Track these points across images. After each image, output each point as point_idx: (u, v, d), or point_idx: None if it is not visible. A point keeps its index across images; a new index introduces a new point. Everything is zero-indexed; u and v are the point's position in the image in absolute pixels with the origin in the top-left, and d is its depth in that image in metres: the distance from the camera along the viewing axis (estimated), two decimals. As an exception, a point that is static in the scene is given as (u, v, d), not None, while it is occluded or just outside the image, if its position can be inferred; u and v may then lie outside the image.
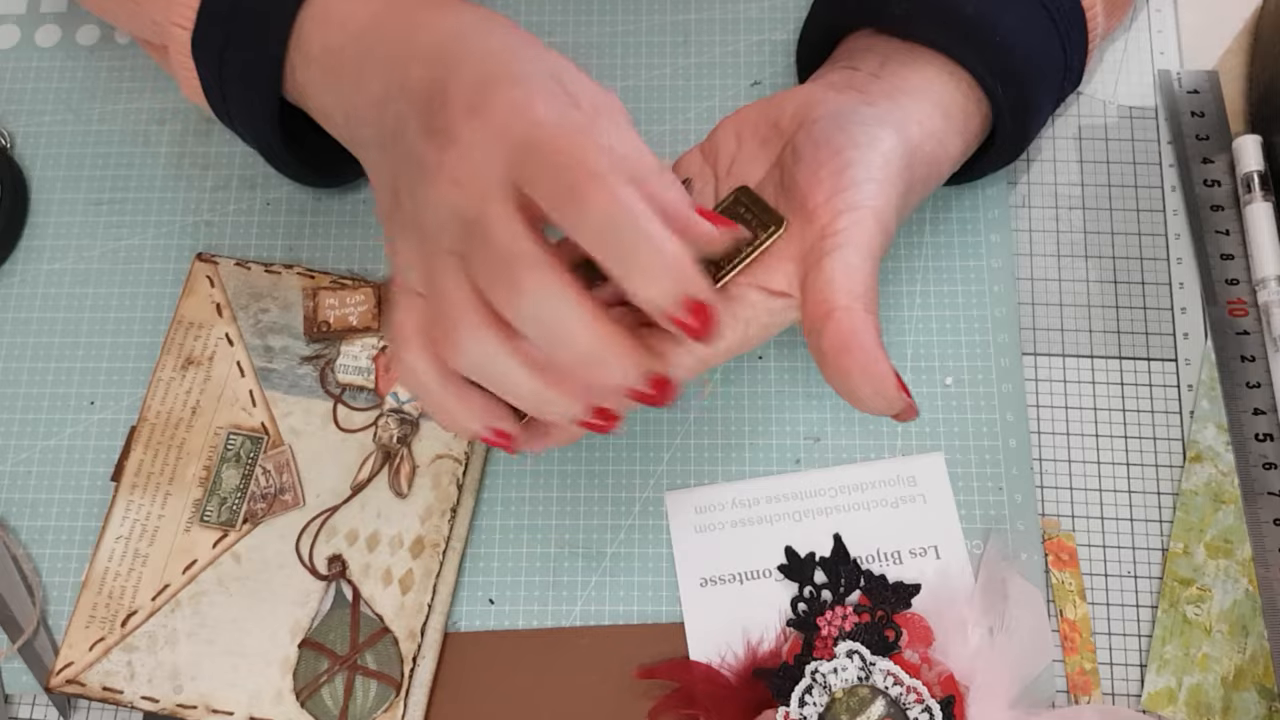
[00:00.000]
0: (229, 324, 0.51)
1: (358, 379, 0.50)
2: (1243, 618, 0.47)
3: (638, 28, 0.57)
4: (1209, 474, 0.49)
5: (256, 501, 0.48)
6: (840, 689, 0.44)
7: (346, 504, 0.49)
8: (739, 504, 0.49)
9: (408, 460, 0.49)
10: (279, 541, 0.48)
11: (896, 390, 0.39)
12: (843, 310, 0.39)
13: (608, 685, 0.47)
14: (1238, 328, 0.50)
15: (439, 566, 0.47)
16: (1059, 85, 0.48)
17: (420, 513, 0.48)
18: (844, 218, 0.40)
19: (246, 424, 0.50)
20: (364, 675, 0.46)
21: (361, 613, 0.47)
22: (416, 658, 0.46)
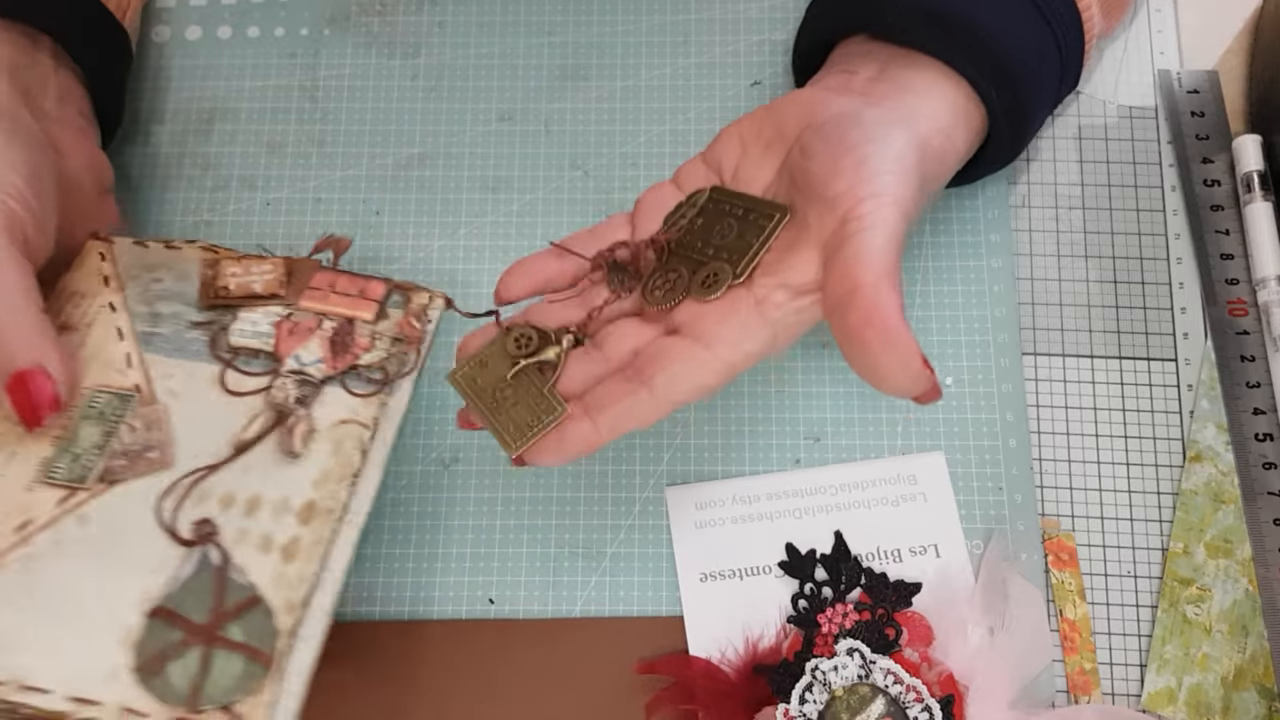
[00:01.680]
0: (115, 293, 0.46)
1: (255, 342, 0.45)
2: (1243, 618, 0.47)
3: (638, 28, 0.57)
4: (1209, 474, 0.49)
5: (117, 458, 0.43)
6: (840, 687, 0.44)
7: (227, 465, 0.43)
8: (739, 500, 0.49)
9: (305, 421, 0.44)
10: (138, 504, 0.42)
11: (921, 367, 0.39)
12: (869, 286, 0.39)
13: (606, 678, 0.46)
14: (1238, 327, 0.51)
15: (332, 534, 0.42)
16: (1055, 88, 0.49)
17: (315, 477, 0.43)
18: (866, 204, 0.40)
19: (117, 383, 0.44)
20: (227, 649, 0.40)
21: (230, 579, 0.41)
22: (294, 634, 0.40)
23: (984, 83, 0.45)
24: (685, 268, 0.43)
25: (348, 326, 0.45)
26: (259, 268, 0.46)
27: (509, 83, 0.56)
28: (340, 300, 0.46)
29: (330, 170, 0.55)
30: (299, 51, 0.57)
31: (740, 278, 0.42)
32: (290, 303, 0.46)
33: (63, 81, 0.49)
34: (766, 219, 0.43)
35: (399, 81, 0.57)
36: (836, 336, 0.40)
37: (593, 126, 0.56)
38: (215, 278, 0.46)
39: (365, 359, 0.45)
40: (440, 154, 0.55)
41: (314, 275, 0.46)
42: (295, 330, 0.45)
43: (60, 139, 0.47)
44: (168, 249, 0.48)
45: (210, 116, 0.56)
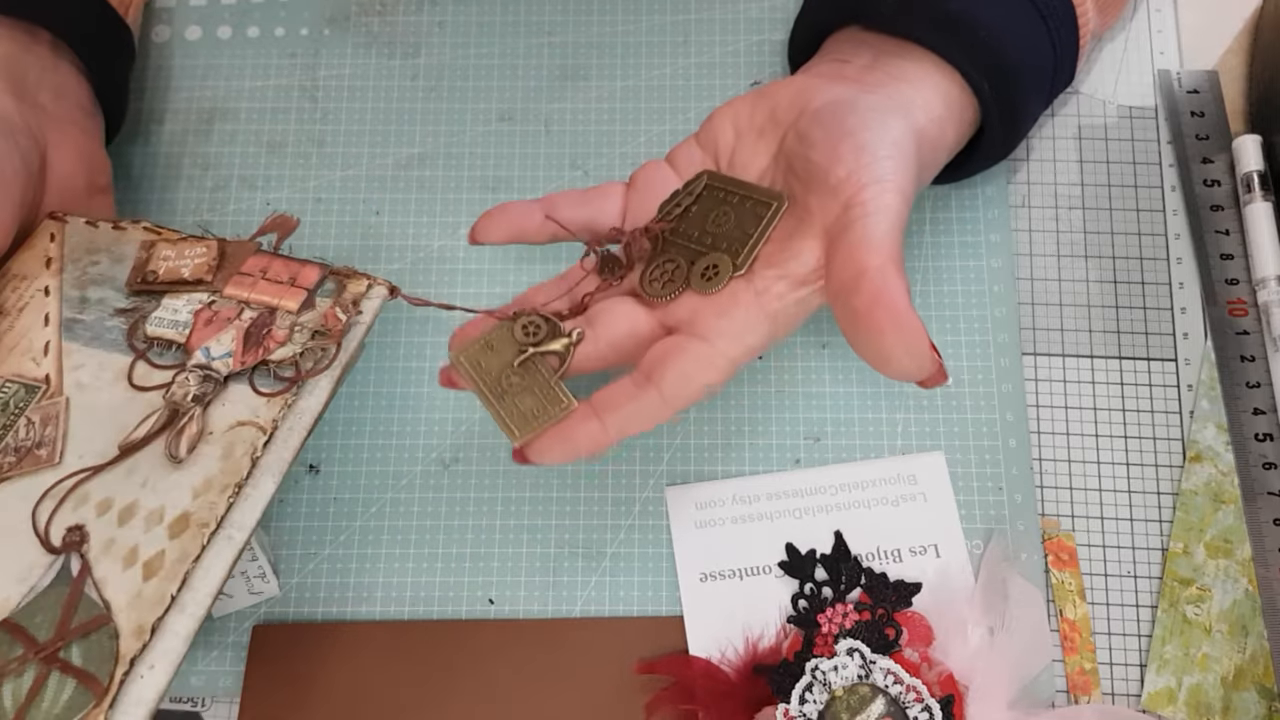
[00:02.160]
0: (53, 277, 0.45)
1: (170, 332, 0.43)
2: (1243, 618, 0.47)
3: (638, 28, 0.57)
4: (1209, 474, 0.49)
5: (6, 455, 0.40)
6: (840, 687, 0.44)
7: (111, 467, 0.40)
8: (740, 500, 0.49)
9: (197, 421, 0.41)
10: (19, 504, 0.39)
11: (928, 350, 0.39)
12: (876, 270, 0.39)
13: (606, 678, 0.46)
14: (1238, 328, 0.50)
15: (199, 551, 0.38)
16: (1049, 83, 0.49)
17: (196, 485, 0.39)
18: (869, 190, 0.41)
19: (30, 374, 0.42)
20: (62, 671, 0.36)
21: (84, 595, 0.37)
22: (137, 661, 0.36)
23: (976, 75, 0.45)
24: (683, 258, 0.44)
25: (268, 317, 0.42)
26: (192, 250, 0.44)
27: (509, 83, 0.56)
28: (267, 288, 0.43)
29: (330, 170, 0.55)
30: (299, 51, 0.57)
31: (741, 269, 0.42)
32: (216, 289, 0.43)
33: (62, 77, 0.49)
34: (764, 208, 0.43)
35: (399, 81, 0.57)
36: (841, 322, 0.40)
37: (593, 126, 0.56)
38: (147, 261, 0.44)
39: (278, 353, 0.42)
40: (440, 154, 0.55)
41: (248, 259, 0.44)
42: (213, 320, 0.43)
43: (51, 134, 0.47)
44: (115, 229, 0.46)
45: (210, 116, 0.56)
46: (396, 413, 0.51)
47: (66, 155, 0.48)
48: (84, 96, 0.50)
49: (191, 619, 0.37)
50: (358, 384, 0.51)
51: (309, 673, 0.47)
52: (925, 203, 0.53)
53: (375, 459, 0.50)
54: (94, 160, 0.50)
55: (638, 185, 0.46)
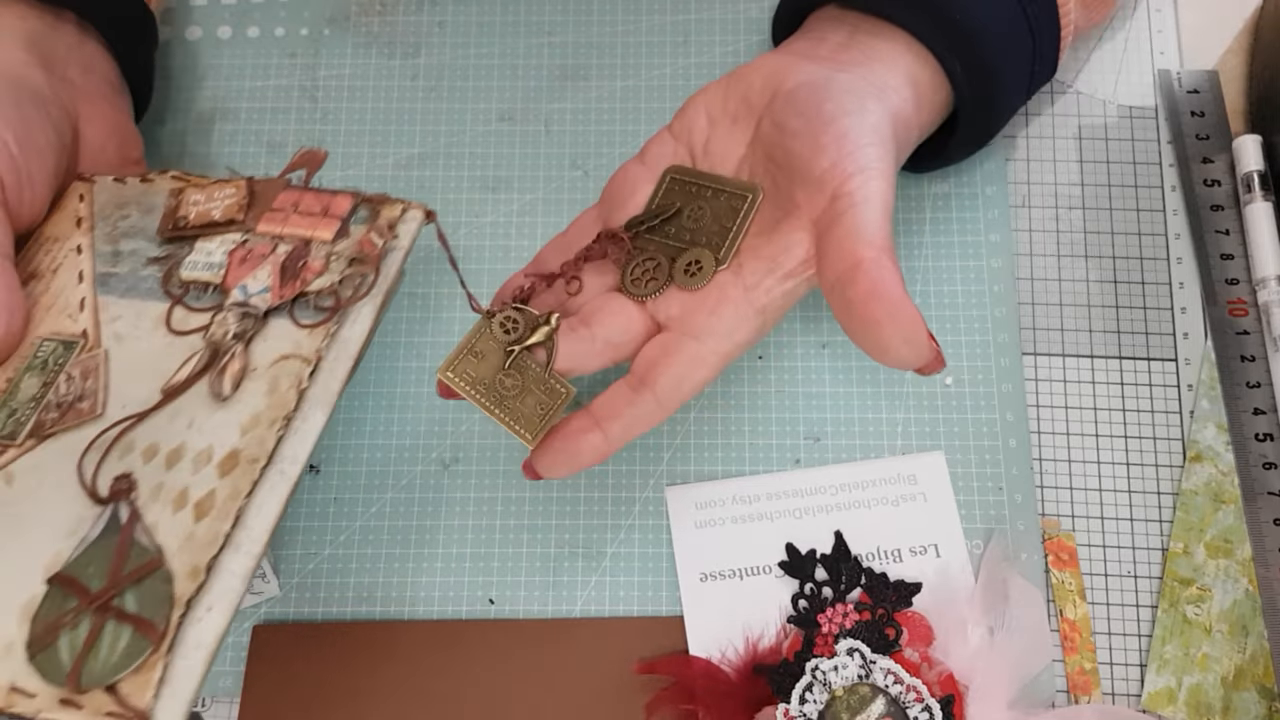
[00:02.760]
0: (84, 235, 0.44)
1: (205, 275, 0.42)
2: (1243, 618, 0.47)
3: (638, 28, 0.57)
4: (1209, 474, 0.49)
5: (49, 411, 0.39)
6: (841, 687, 0.44)
7: (155, 413, 0.39)
8: (740, 500, 0.49)
9: (239, 358, 0.39)
10: (64, 458, 0.38)
11: (926, 338, 0.39)
12: (870, 260, 0.39)
13: (606, 678, 0.46)
14: (1238, 327, 0.50)
15: (251, 488, 0.37)
16: (1028, 70, 0.48)
17: (244, 421, 0.38)
18: (854, 179, 0.41)
19: (67, 330, 0.41)
20: (117, 619, 0.35)
21: (135, 541, 0.36)
22: (193, 603, 0.35)
23: (948, 55, 0.45)
24: (663, 255, 0.44)
25: (302, 249, 0.41)
26: (221, 193, 0.43)
27: (509, 83, 0.56)
28: (300, 221, 0.42)
29: (330, 170, 0.55)
30: (299, 51, 0.57)
31: (724, 264, 0.42)
32: (248, 228, 0.42)
33: (89, 54, 0.49)
34: (740, 200, 0.43)
35: (399, 81, 0.57)
36: (837, 313, 0.41)
37: (593, 126, 0.56)
38: (176, 208, 0.43)
39: (315, 284, 0.40)
40: (440, 154, 0.55)
41: (279, 195, 0.43)
42: (248, 258, 0.41)
43: (82, 107, 0.47)
44: (142, 182, 0.45)
45: (210, 116, 0.56)
46: (396, 413, 0.51)
47: (98, 128, 0.48)
48: (112, 74, 0.50)
49: (248, 557, 0.36)
50: (358, 384, 0.51)
51: (309, 673, 0.47)
52: (925, 203, 0.53)
53: (375, 459, 0.50)
54: (125, 133, 0.49)
55: (611, 193, 0.46)
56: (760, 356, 0.51)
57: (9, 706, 0.34)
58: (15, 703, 0.34)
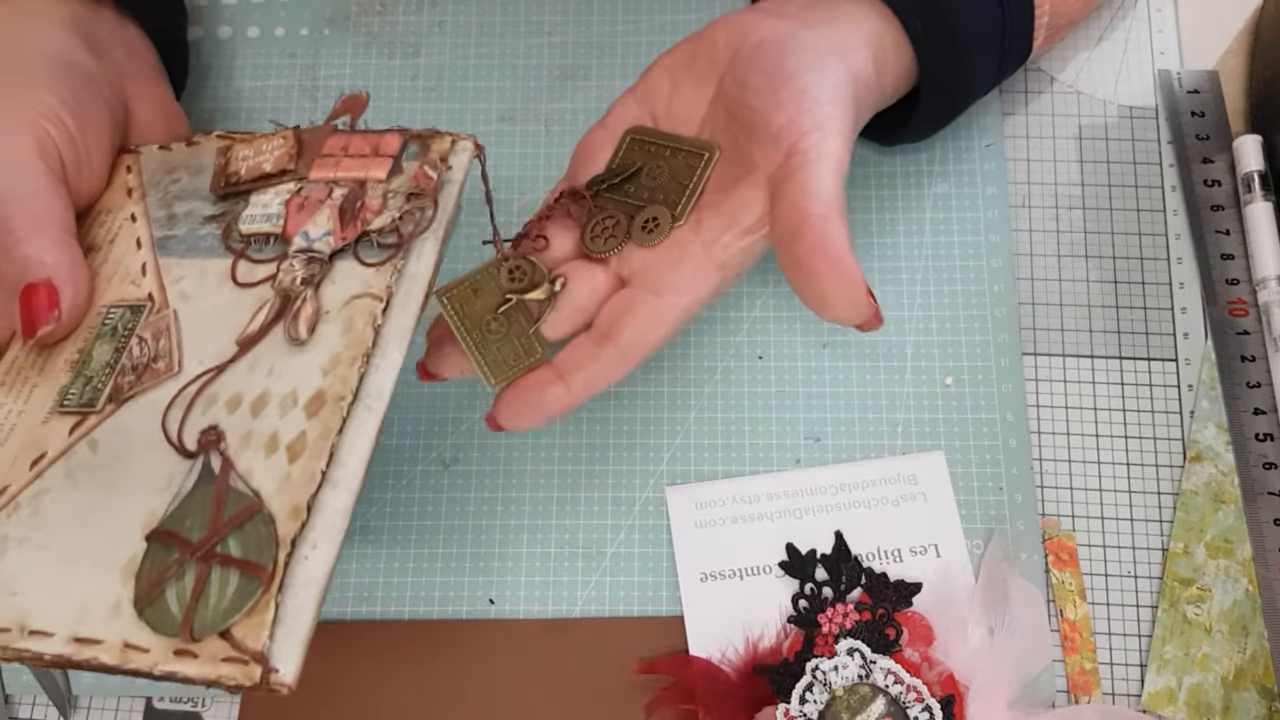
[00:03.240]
0: (137, 204, 0.44)
1: (265, 226, 0.42)
2: (1243, 618, 0.47)
3: (638, 28, 0.57)
4: (1209, 474, 0.49)
5: (125, 375, 0.40)
6: (841, 687, 0.44)
7: (233, 364, 0.39)
8: (740, 500, 0.49)
9: (311, 302, 0.39)
10: (146, 418, 0.39)
11: (865, 295, 0.40)
12: (819, 216, 0.40)
13: (606, 678, 0.46)
14: (1238, 328, 0.50)
15: (341, 424, 0.36)
16: (997, 44, 0.48)
17: (324, 363, 0.38)
18: (810, 136, 0.41)
19: (132, 296, 0.42)
20: (222, 565, 0.35)
21: (231, 488, 0.36)
22: (298, 541, 0.35)
23: (911, 18, 0.45)
24: (621, 213, 0.44)
25: (358, 190, 0.41)
26: (269, 145, 0.43)
27: (509, 83, 0.56)
28: (352, 164, 0.42)
29: (330, 170, 0.55)
30: (299, 51, 0.57)
31: (680, 220, 0.43)
32: (301, 176, 0.42)
33: (129, 36, 0.49)
34: (696, 159, 0.44)
35: (399, 81, 0.57)
36: (784, 266, 0.41)
37: (593, 126, 0.55)
38: (226, 165, 0.43)
39: (376, 222, 0.40)
40: (440, 154, 0.55)
41: (327, 141, 0.43)
42: (305, 205, 0.41)
43: (129, 86, 0.48)
44: (188, 146, 0.45)
45: (210, 116, 0.56)
46: (397, 412, 0.51)
47: (146, 107, 0.48)
48: (152, 56, 0.51)
49: (346, 493, 0.36)
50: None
51: (309, 673, 0.47)
52: (925, 202, 0.53)
53: (376, 459, 0.50)
54: (172, 112, 0.50)
55: (578, 159, 0.46)
56: (760, 356, 0.51)
57: (125, 663, 0.34)
58: (130, 659, 0.34)
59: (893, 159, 0.54)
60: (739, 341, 0.52)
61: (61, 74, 0.44)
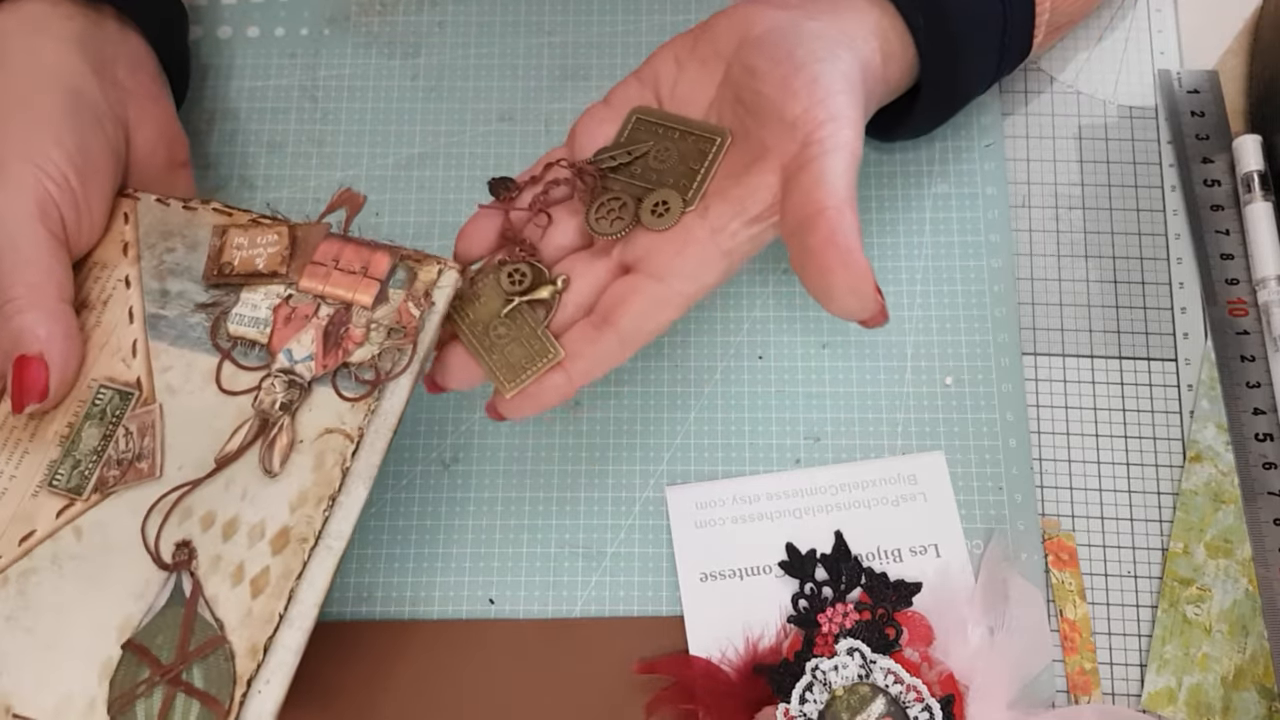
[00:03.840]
0: (131, 265, 0.45)
1: (252, 331, 0.43)
2: (1243, 618, 0.47)
3: (638, 28, 0.57)
4: (1209, 474, 0.49)
5: (110, 468, 0.41)
6: (841, 686, 0.44)
7: (209, 480, 0.41)
8: (740, 500, 0.49)
9: (287, 432, 0.41)
10: (128, 517, 0.41)
11: (873, 291, 0.40)
12: (833, 209, 0.40)
13: (605, 677, 0.46)
14: (1238, 327, 0.50)
15: (301, 568, 0.39)
16: (998, 38, 0.48)
17: (292, 498, 0.40)
18: (826, 126, 0.41)
19: (122, 377, 0.43)
20: (186, 694, 0.38)
21: (198, 615, 0.39)
22: (254, 681, 0.38)
23: (913, 12, 0.45)
24: (628, 195, 0.43)
25: (344, 314, 0.42)
26: (264, 239, 0.44)
27: (509, 83, 0.56)
28: (341, 280, 0.43)
29: (330, 170, 0.55)
30: (299, 51, 0.57)
31: (692, 205, 0.42)
32: (291, 281, 0.43)
33: (132, 49, 0.49)
34: (707, 143, 0.43)
35: (399, 81, 0.57)
36: (794, 256, 0.41)
37: (593, 126, 0.55)
38: (221, 250, 0.44)
39: (356, 355, 0.42)
40: (440, 154, 0.55)
41: (320, 245, 0.43)
42: (292, 318, 0.42)
43: (131, 110, 0.47)
44: (185, 209, 0.45)
45: (210, 116, 0.56)
46: (396, 413, 0.51)
47: (147, 133, 0.48)
48: (155, 67, 0.50)
49: (300, 632, 0.38)
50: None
51: (308, 673, 0.47)
52: (925, 203, 0.53)
53: (375, 459, 0.50)
54: (172, 135, 0.49)
55: (578, 136, 0.46)
56: (760, 356, 0.51)
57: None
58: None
59: (893, 159, 0.54)
60: (739, 341, 0.52)
61: (70, 117, 0.43)
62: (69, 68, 0.45)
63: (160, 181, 0.48)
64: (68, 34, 0.46)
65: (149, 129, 0.48)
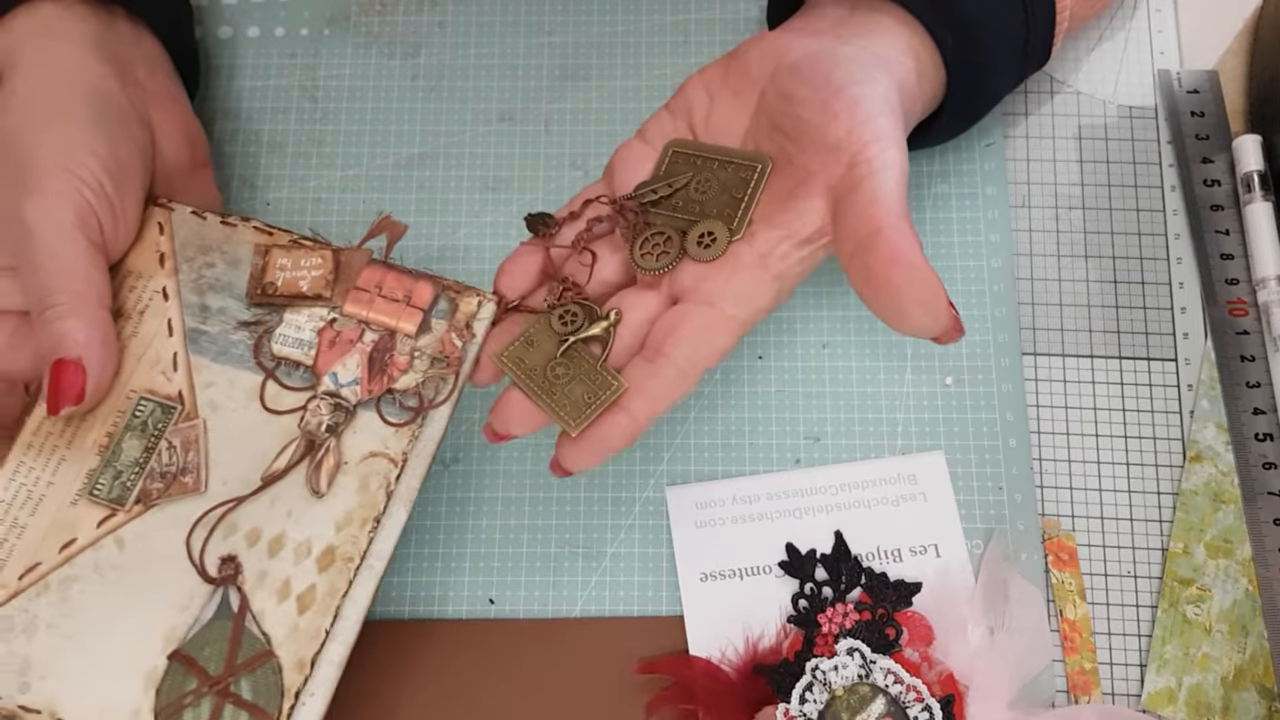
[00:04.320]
0: (169, 277, 0.45)
1: (296, 353, 0.43)
2: (1243, 618, 0.47)
3: (638, 28, 0.57)
4: (1209, 474, 0.49)
5: (154, 480, 0.42)
6: (841, 686, 0.44)
7: (254, 497, 0.42)
8: (740, 500, 0.49)
9: (333, 454, 0.42)
10: (171, 530, 0.41)
11: (945, 304, 0.39)
12: (892, 227, 0.39)
13: (606, 677, 0.46)
14: (1238, 327, 0.50)
15: (347, 586, 0.40)
16: (1020, 50, 0.48)
17: (338, 518, 0.41)
18: (872, 146, 0.41)
19: (162, 390, 0.43)
20: (235, 705, 0.39)
21: (246, 629, 0.40)
22: (300, 694, 0.39)
23: (940, 29, 0.45)
24: (672, 229, 0.43)
25: (388, 341, 0.43)
26: (308, 261, 0.44)
27: (509, 83, 0.56)
28: (384, 307, 0.44)
29: (330, 170, 0.55)
30: (299, 51, 0.57)
31: (739, 234, 0.42)
32: (335, 305, 0.44)
33: (147, 49, 0.49)
34: (749, 170, 0.43)
35: (399, 81, 0.57)
36: (855, 280, 0.40)
37: (593, 126, 0.56)
38: (264, 270, 0.44)
39: (401, 382, 0.43)
40: (440, 154, 0.55)
41: (363, 271, 0.44)
42: (336, 342, 0.43)
43: (154, 111, 0.47)
44: (223, 224, 0.46)
45: (210, 116, 0.56)
46: (396, 413, 0.51)
47: (170, 133, 0.48)
48: (169, 66, 0.50)
49: (343, 646, 0.40)
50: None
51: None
52: (925, 203, 0.53)
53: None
54: (194, 133, 0.50)
55: (615, 169, 0.46)
56: (760, 356, 0.51)
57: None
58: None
59: (893, 159, 0.54)
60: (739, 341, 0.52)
61: (100, 122, 0.43)
62: (91, 71, 0.45)
63: (184, 181, 0.48)
64: (83, 37, 0.46)
65: (172, 129, 0.48)
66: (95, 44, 0.46)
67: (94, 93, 0.44)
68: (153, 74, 0.48)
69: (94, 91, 0.44)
